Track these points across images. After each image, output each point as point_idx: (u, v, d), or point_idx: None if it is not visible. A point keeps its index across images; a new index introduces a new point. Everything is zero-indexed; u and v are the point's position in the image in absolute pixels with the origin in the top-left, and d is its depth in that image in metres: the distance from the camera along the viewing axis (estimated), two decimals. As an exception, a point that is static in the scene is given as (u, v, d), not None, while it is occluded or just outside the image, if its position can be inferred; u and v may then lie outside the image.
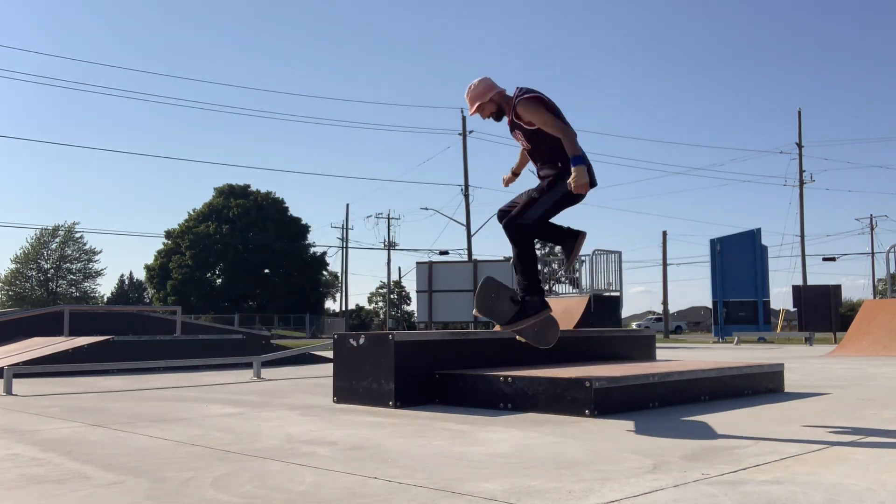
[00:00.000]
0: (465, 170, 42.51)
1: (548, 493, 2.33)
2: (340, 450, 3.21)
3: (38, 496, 2.40)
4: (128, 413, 4.79)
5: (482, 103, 4.37)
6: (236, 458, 3.06)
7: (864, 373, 7.68)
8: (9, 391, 6.37)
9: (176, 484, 2.55)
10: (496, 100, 4.36)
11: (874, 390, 5.71)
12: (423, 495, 2.33)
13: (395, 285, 65.32)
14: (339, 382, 5.14)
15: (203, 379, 7.99)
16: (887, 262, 14.73)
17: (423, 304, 27.24)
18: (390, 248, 58.10)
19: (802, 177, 45.41)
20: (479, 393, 4.74)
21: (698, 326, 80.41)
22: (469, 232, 42.15)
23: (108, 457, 3.12)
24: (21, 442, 3.59)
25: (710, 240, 29.53)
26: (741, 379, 5.30)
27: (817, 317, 26.44)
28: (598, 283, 18.22)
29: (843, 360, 10.41)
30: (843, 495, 2.24)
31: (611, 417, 4.11)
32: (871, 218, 54.52)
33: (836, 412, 4.38)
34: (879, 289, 46.69)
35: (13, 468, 2.89)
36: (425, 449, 3.20)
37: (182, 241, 59.20)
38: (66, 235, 66.22)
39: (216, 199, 60.58)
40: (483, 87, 4.38)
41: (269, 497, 2.34)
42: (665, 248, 53.35)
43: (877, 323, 12.43)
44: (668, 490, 2.34)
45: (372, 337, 5.01)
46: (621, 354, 6.56)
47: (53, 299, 61.44)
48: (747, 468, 2.67)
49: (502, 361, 5.39)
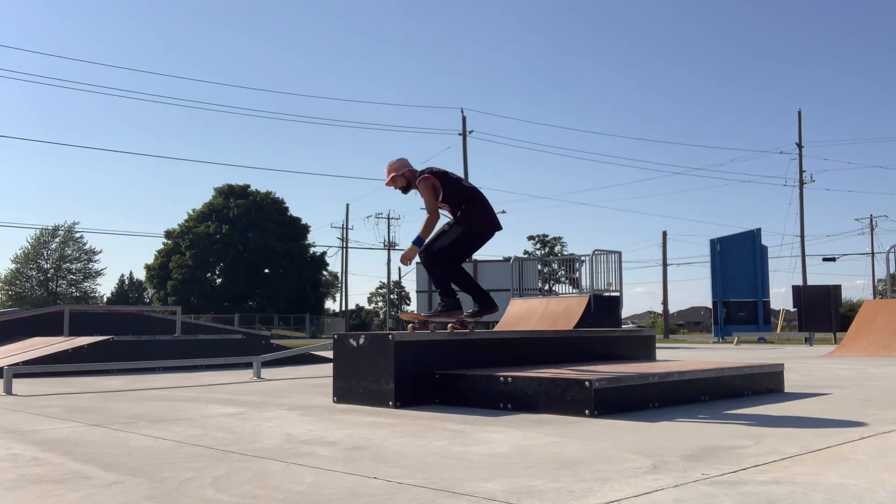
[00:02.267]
0: (465, 170, 42.50)
1: (548, 493, 2.33)
2: (340, 450, 3.21)
3: (38, 496, 2.40)
4: (128, 413, 4.79)
5: (396, 175, 5.54)
6: (236, 458, 3.06)
7: (864, 373, 7.68)
8: (9, 391, 6.37)
9: (176, 484, 2.55)
10: (407, 176, 5.56)
11: (874, 390, 5.71)
12: (423, 495, 2.33)
13: (395, 285, 65.38)
14: (339, 382, 5.14)
15: (203, 379, 7.99)
16: (887, 262, 14.73)
17: (423, 304, 27.26)
18: (390, 248, 58.14)
19: (802, 177, 45.39)
20: (479, 393, 4.74)
21: (698, 326, 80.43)
22: (469, 232, 42.11)
23: (108, 457, 3.12)
24: (21, 442, 3.59)
25: (710, 240, 29.58)
26: (741, 379, 5.30)
27: (817, 317, 26.44)
28: (598, 283, 18.20)
29: (843, 361, 10.41)
30: (842, 495, 2.24)
31: (611, 417, 4.11)
32: (871, 218, 54.52)
33: (835, 412, 4.37)
34: (879, 289, 46.70)
35: (13, 468, 2.89)
36: (425, 449, 3.20)
37: (182, 241, 59.19)
38: (66, 235, 66.23)
39: (216, 199, 60.58)
40: (399, 163, 5.60)
41: (269, 497, 2.34)
42: (665, 248, 53.37)
43: (877, 323, 12.43)
44: (668, 490, 2.34)
45: (372, 337, 5.01)
46: (621, 354, 6.56)
47: (53, 299, 61.43)
48: (747, 468, 2.67)
49: (502, 361, 5.39)
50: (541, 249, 66.09)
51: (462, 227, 5.41)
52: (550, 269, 54.38)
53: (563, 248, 66.49)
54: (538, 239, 67.16)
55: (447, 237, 5.48)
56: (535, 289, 22.67)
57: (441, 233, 5.52)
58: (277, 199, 62.26)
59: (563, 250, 65.46)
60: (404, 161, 5.61)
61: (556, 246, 66.56)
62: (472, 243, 5.55)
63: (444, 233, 5.52)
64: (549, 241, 66.98)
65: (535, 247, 66.55)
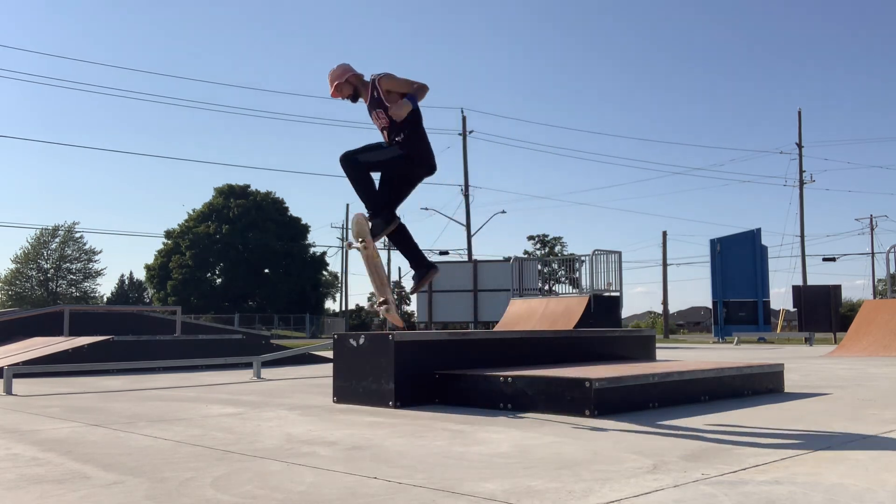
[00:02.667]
0: (465, 170, 42.52)
1: (548, 493, 2.33)
2: (340, 450, 3.21)
3: (38, 496, 2.40)
4: (128, 413, 4.79)
5: (339, 83, 4.73)
6: (236, 458, 3.06)
7: (863, 373, 7.68)
8: (9, 391, 6.37)
9: (176, 484, 2.55)
10: (353, 81, 4.74)
11: (874, 390, 5.71)
12: (423, 495, 2.33)
13: (395, 285, 65.32)
14: (339, 382, 5.15)
15: (203, 379, 7.99)
16: (887, 262, 14.74)
17: (423, 304, 27.26)
18: (390, 248, 58.08)
19: (802, 177, 45.38)
20: (479, 393, 4.74)
21: (698, 326, 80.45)
22: (469, 232, 42.15)
23: (108, 457, 3.12)
24: (21, 442, 3.59)
25: (710, 240, 29.56)
26: (741, 379, 5.30)
27: (817, 317, 26.43)
28: (598, 283, 18.21)
29: (843, 361, 10.41)
30: (842, 495, 2.24)
31: (611, 417, 4.11)
32: (871, 218, 54.47)
33: (835, 412, 4.37)
34: (879, 289, 46.70)
35: (13, 468, 2.89)
36: (425, 449, 3.20)
37: (182, 241, 59.19)
38: (66, 235, 66.22)
39: (216, 199, 60.59)
40: (341, 69, 4.78)
41: (268, 497, 2.34)
42: (665, 248, 53.35)
43: (877, 323, 12.43)
44: (668, 490, 2.34)
45: (372, 337, 5.01)
46: (621, 354, 6.56)
47: (53, 299, 61.42)
48: (747, 468, 2.67)
49: (502, 361, 5.39)
50: (541, 249, 66.04)
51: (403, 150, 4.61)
52: (550, 269, 54.37)
53: (563, 248, 66.47)
54: (538, 239, 67.12)
55: (382, 152, 4.67)
56: (535, 289, 22.69)
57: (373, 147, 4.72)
58: (277, 199, 62.27)
59: (563, 250, 65.44)
60: (346, 66, 4.82)
61: (556, 246, 66.54)
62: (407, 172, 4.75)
63: (378, 147, 4.71)
64: (549, 241, 66.96)
65: (535, 247, 66.53)
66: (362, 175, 4.71)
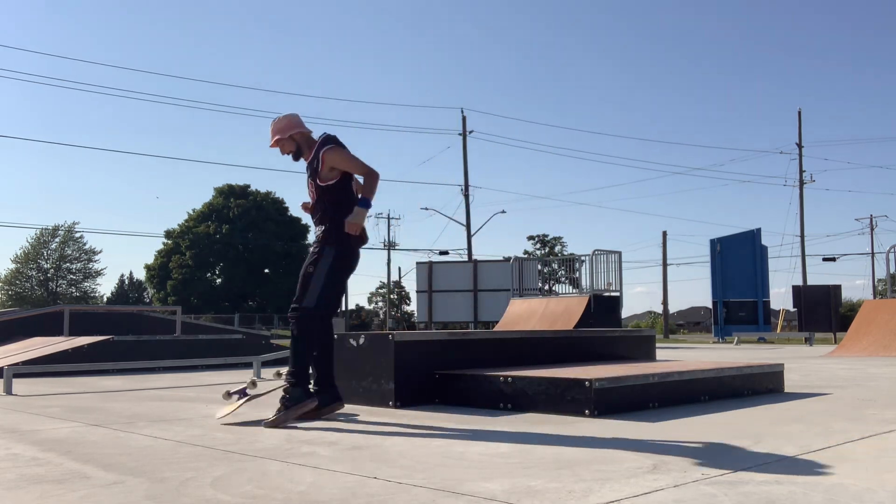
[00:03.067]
0: (465, 170, 42.51)
1: (548, 493, 2.33)
2: (340, 450, 3.21)
3: (38, 496, 2.40)
4: (128, 413, 4.79)
5: (281, 139, 4.33)
6: (236, 458, 3.06)
7: (864, 373, 7.68)
8: (9, 391, 6.37)
9: (176, 484, 2.55)
10: (297, 139, 4.35)
11: (874, 390, 5.71)
12: (423, 495, 2.33)
13: (395, 285, 65.31)
14: (339, 382, 5.13)
15: (203, 379, 7.99)
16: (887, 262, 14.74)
17: (423, 304, 27.27)
18: (390, 248, 58.07)
19: (802, 177, 45.38)
20: (479, 393, 4.74)
21: (698, 326, 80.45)
22: (469, 232, 42.13)
23: (108, 457, 3.12)
24: (21, 442, 3.59)
25: (710, 240, 29.55)
26: (741, 379, 5.30)
27: (817, 317, 26.45)
28: (598, 283, 18.22)
29: (843, 361, 10.41)
30: (842, 495, 2.24)
31: (611, 417, 4.11)
32: (871, 218, 54.42)
33: (835, 412, 4.37)
34: (879, 289, 46.69)
35: (13, 468, 2.89)
36: (425, 449, 3.20)
37: (182, 241, 59.23)
38: (66, 235, 66.21)
39: (216, 199, 60.62)
40: (286, 122, 4.35)
41: (268, 497, 2.34)
42: (665, 248, 53.33)
43: (876, 323, 12.44)
44: (668, 490, 2.34)
45: (372, 337, 5.01)
46: (621, 354, 6.56)
47: (53, 299, 61.42)
48: (747, 468, 2.67)
49: (502, 361, 5.39)
50: (541, 249, 66.06)
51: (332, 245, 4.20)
52: (550, 269, 54.41)
53: (563, 248, 66.50)
54: (538, 239, 67.14)
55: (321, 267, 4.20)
56: (535, 289, 22.71)
57: (309, 269, 4.22)
58: (277, 199, 62.30)
59: (563, 250, 65.47)
60: (295, 120, 4.37)
61: (556, 246, 66.56)
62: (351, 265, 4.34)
63: (312, 268, 4.21)
64: (549, 241, 66.98)
65: (535, 247, 66.55)
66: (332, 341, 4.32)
